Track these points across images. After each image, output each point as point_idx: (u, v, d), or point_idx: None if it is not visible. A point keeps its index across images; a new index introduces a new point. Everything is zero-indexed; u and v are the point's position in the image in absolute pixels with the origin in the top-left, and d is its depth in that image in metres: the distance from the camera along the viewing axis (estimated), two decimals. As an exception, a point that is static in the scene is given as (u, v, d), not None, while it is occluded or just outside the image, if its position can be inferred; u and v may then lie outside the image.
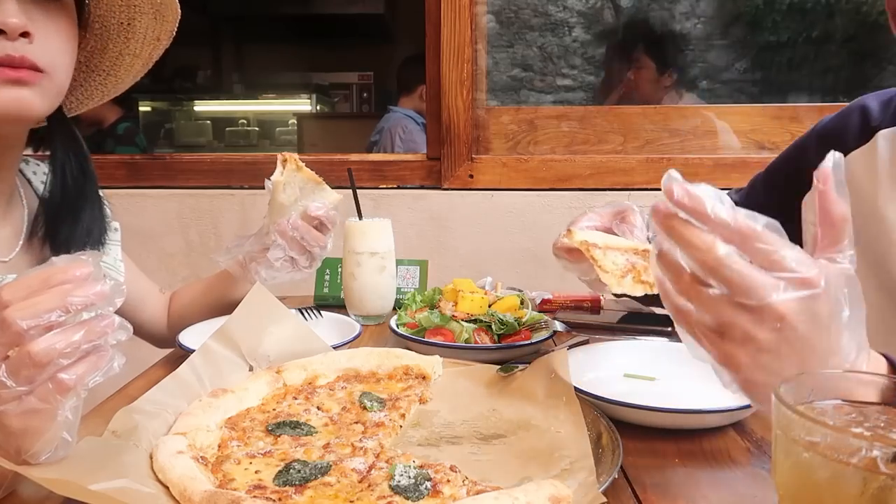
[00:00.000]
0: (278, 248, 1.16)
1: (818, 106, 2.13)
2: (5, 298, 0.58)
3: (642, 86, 2.41)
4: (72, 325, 0.59)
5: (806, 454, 0.49)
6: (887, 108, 1.07)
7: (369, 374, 0.95)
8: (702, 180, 0.61)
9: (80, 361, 0.59)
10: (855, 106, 1.12)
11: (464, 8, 2.09)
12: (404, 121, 3.44)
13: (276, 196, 1.14)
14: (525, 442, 0.78)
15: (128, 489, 0.62)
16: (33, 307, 0.58)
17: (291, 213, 1.17)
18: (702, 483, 0.71)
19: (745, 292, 0.56)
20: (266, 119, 5.85)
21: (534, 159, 2.15)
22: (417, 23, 2.21)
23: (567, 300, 1.46)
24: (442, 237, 2.15)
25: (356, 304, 1.37)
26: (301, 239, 1.16)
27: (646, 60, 2.39)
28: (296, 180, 1.15)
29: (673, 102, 2.37)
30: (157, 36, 1.08)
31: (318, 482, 0.66)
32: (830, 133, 1.13)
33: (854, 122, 1.10)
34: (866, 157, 1.05)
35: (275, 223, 1.16)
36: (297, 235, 1.16)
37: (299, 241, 1.16)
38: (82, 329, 0.59)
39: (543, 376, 0.88)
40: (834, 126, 1.13)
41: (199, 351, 0.90)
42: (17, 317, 0.57)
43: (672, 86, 2.38)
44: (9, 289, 0.59)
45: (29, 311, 0.58)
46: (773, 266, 0.56)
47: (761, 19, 2.31)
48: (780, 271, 0.56)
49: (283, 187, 1.13)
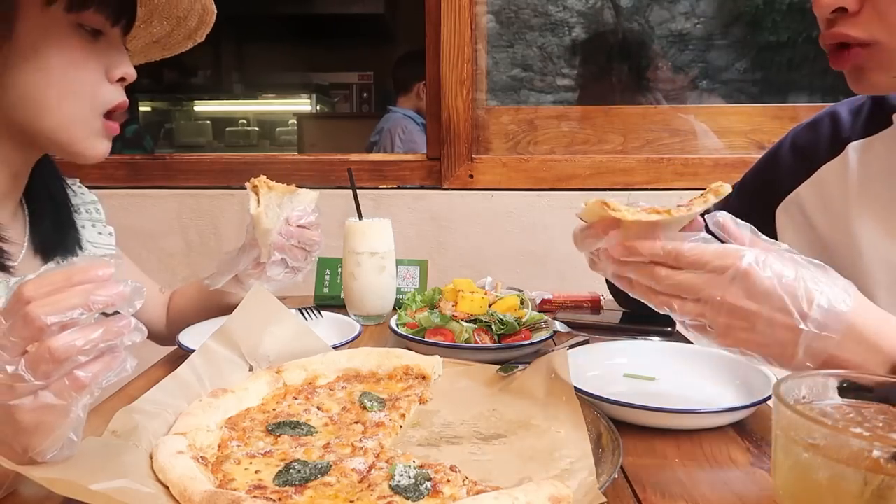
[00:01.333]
0: (276, 265, 1.16)
1: (818, 106, 2.12)
2: (28, 294, 0.59)
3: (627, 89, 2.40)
4: (91, 324, 0.60)
5: (806, 454, 0.49)
6: (857, 117, 1.06)
7: (369, 374, 0.95)
8: (702, 180, 0.63)
9: (95, 360, 0.60)
10: (825, 114, 1.11)
11: (464, 8, 2.09)
12: (404, 121, 3.44)
13: (260, 225, 1.11)
14: (525, 442, 0.78)
15: (128, 489, 0.62)
16: (56, 304, 0.59)
17: (277, 227, 1.15)
18: (702, 483, 0.71)
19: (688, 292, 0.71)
20: (266, 119, 5.85)
21: (534, 159, 2.15)
22: (417, 23, 2.21)
23: (567, 300, 1.46)
24: (442, 237, 2.15)
25: (356, 304, 1.37)
26: (298, 244, 1.16)
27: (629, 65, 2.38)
28: (272, 200, 1.11)
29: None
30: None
31: (318, 482, 0.66)
32: (802, 145, 1.11)
33: (825, 132, 1.08)
34: (838, 171, 1.04)
35: (267, 246, 1.14)
36: (294, 242, 1.16)
37: (297, 247, 1.16)
38: (101, 328, 0.60)
39: (543, 376, 0.88)
40: (805, 136, 1.12)
41: (199, 351, 0.90)
42: (40, 312, 0.58)
43: (663, 88, 2.37)
44: (32, 285, 0.60)
45: (52, 308, 0.58)
46: (703, 267, 0.70)
47: (761, 19, 2.31)
48: (707, 266, 0.70)
49: (265, 213, 1.10)
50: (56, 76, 0.96)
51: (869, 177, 1.01)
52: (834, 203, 1.04)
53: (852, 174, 1.02)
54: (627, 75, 2.37)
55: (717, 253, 0.70)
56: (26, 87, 0.96)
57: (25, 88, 0.96)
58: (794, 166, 1.11)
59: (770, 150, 1.19)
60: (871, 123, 1.03)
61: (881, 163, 1.00)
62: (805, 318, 0.68)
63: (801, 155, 1.10)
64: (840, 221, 1.02)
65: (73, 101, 0.98)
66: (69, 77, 0.97)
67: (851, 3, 0.83)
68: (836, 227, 1.03)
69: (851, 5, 0.84)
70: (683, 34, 2.31)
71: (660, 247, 0.71)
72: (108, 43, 1.01)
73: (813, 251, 1.05)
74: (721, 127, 2.16)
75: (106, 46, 1.00)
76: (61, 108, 0.98)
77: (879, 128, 1.01)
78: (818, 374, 0.59)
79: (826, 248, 1.04)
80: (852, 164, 1.02)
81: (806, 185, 1.08)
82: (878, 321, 0.71)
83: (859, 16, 0.84)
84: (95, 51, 0.99)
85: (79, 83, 0.98)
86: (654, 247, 0.71)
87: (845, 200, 1.02)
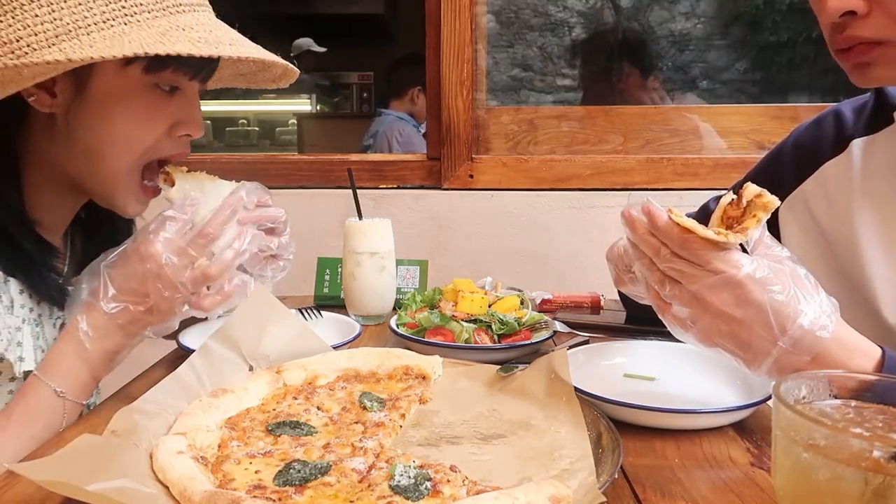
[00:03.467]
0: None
1: (818, 106, 2.12)
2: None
3: (627, 90, 2.40)
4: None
5: (806, 454, 0.49)
6: (860, 115, 1.07)
7: (369, 374, 0.95)
8: (702, 180, 0.65)
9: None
10: (829, 113, 1.12)
11: (464, 8, 2.09)
12: (399, 124, 3.43)
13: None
14: (525, 442, 0.78)
15: (127, 489, 0.62)
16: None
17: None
18: (702, 483, 0.71)
19: (683, 279, 0.76)
20: (266, 119, 5.85)
21: (534, 159, 2.15)
22: (417, 23, 2.21)
23: (567, 300, 1.45)
24: (442, 237, 2.15)
25: (356, 304, 1.37)
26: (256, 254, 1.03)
27: (628, 67, 2.38)
28: (192, 186, 1.03)
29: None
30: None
31: (318, 482, 0.66)
32: (806, 143, 1.12)
33: (828, 131, 1.09)
34: (841, 167, 1.05)
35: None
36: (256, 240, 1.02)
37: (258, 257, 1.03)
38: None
39: (543, 376, 0.88)
40: (809, 135, 1.13)
41: (199, 351, 0.90)
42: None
43: (658, 89, 2.38)
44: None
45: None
46: (704, 263, 0.74)
47: (761, 19, 2.31)
48: (708, 265, 0.74)
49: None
50: (120, 134, 0.96)
51: (871, 173, 1.01)
52: (837, 199, 1.04)
53: (855, 171, 1.03)
54: (627, 75, 2.37)
55: (719, 255, 0.74)
56: (90, 141, 0.96)
57: (88, 143, 0.96)
58: (798, 163, 1.11)
59: (774, 148, 1.20)
60: (873, 121, 1.04)
61: (883, 160, 1.01)
62: (784, 334, 0.72)
63: (805, 152, 1.11)
64: (842, 217, 1.03)
65: (126, 156, 0.98)
66: (132, 136, 0.97)
67: (860, 6, 0.84)
68: (838, 222, 1.04)
69: (861, 8, 0.84)
70: (683, 34, 2.31)
71: (673, 228, 0.75)
72: (183, 97, 1.00)
73: (816, 247, 1.05)
74: (721, 127, 2.16)
75: (180, 102, 0.99)
76: (118, 160, 0.97)
77: (882, 125, 1.02)
78: (818, 374, 0.59)
79: (828, 243, 1.05)
80: (856, 161, 1.03)
81: (809, 181, 1.09)
82: (849, 350, 0.74)
83: (869, 17, 0.85)
84: (167, 107, 0.98)
85: (139, 141, 0.97)
86: (670, 226, 0.75)
87: (848, 197, 1.03)
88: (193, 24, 0.91)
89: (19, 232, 0.96)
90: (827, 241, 1.05)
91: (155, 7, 0.90)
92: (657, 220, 0.76)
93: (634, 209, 0.79)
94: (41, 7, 0.85)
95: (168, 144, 1.01)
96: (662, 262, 0.76)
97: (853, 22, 0.86)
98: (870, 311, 0.97)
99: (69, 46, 0.84)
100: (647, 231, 0.77)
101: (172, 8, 0.91)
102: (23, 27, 0.85)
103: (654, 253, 0.77)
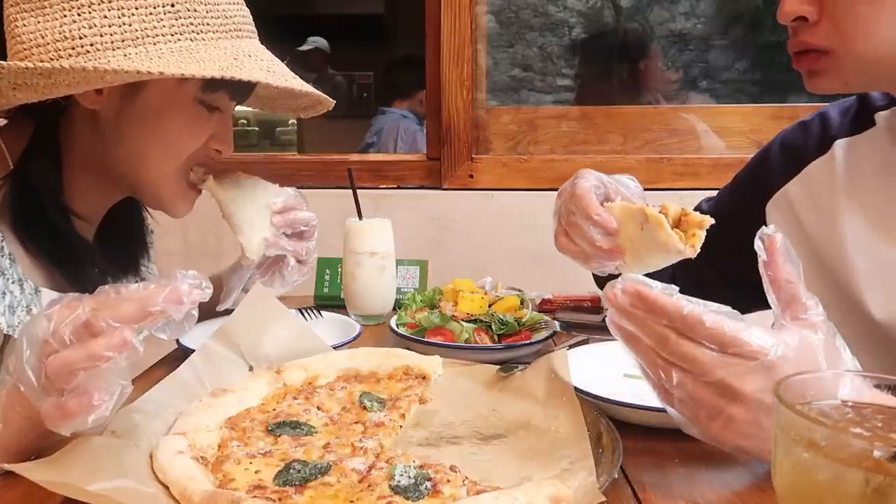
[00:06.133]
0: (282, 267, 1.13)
1: (818, 106, 2.12)
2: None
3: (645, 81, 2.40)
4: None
5: (806, 454, 0.49)
6: (845, 116, 1.08)
7: (369, 374, 0.95)
8: (702, 180, 0.64)
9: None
10: (816, 115, 1.13)
11: (464, 8, 2.09)
12: (403, 122, 3.43)
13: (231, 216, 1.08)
14: (525, 442, 0.78)
15: (128, 489, 0.62)
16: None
17: (256, 218, 1.08)
18: (702, 483, 0.71)
19: (701, 371, 0.63)
20: (266, 119, 5.84)
21: (534, 159, 2.15)
22: (417, 23, 2.21)
23: (567, 300, 1.45)
24: (442, 237, 2.15)
25: (356, 304, 1.37)
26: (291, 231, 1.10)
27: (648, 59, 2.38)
28: (243, 191, 1.08)
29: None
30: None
31: (318, 482, 0.66)
32: (792, 144, 1.13)
33: (814, 132, 1.10)
34: (825, 168, 1.06)
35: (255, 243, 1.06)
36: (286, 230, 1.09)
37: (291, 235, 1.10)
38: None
39: (543, 376, 0.88)
40: (795, 136, 1.14)
41: (199, 351, 0.90)
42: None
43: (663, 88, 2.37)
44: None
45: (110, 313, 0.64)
46: (724, 345, 0.62)
47: (761, 19, 2.31)
48: (730, 348, 0.62)
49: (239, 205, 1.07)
50: (169, 138, 0.99)
51: (854, 174, 1.03)
52: (821, 199, 1.06)
53: (839, 171, 1.04)
54: (627, 75, 2.37)
55: (740, 338, 0.62)
56: (139, 142, 0.98)
57: (138, 143, 0.98)
58: (784, 164, 1.13)
59: (762, 149, 1.21)
60: (857, 122, 1.06)
61: (866, 161, 1.02)
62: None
63: (791, 153, 1.13)
64: (827, 217, 1.04)
65: (173, 161, 1.01)
66: (179, 142, 1.00)
67: (811, 13, 0.88)
68: (822, 222, 1.05)
69: (811, 15, 0.88)
70: (683, 34, 2.31)
71: (680, 308, 0.63)
72: (221, 117, 1.03)
73: (800, 246, 1.06)
74: (721, 127, 2.16)
75: (218, 120, 1.03)
76: (162, 166, 1.00)
77: (864, 127, 1.04)
78: (818, 374, 0.59)
79: (813, 242, 1.06)
80: (839, 161, 1.04)
81: (794, 181, 1.10)
82: None
83: (818, 26, 0.88)
84: (208, 122, 1.01)
85: (184, 148, 1.00)
86: (675, 307, 0.64)
87: (832, 197, 1.04)
88: (254, 50, 0.95)
89: (64, 226, 0.98)
90: (812, 240, 1.06)
91: (221, 28, 0.93)
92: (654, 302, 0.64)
93: (621, 293, 0.67)
94: (111, 10, 0.86)
95: (202, 154, 1.04)
96: (667, 350, 0.65)
97: (805, 28, 0.89)
98: (855, 308, 0.98)
99: (135, 52, 0.86)
100: (647, 316, 0.66)
101: (234, 32, 0.95)
102: (89, 26, 0.85)
103: (657, 340, 0.65)
